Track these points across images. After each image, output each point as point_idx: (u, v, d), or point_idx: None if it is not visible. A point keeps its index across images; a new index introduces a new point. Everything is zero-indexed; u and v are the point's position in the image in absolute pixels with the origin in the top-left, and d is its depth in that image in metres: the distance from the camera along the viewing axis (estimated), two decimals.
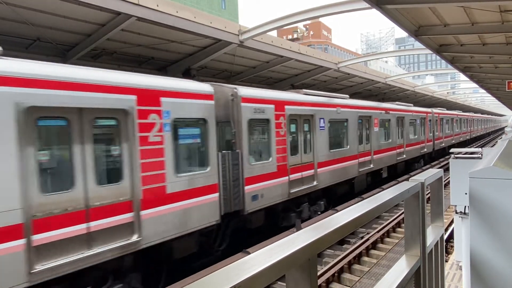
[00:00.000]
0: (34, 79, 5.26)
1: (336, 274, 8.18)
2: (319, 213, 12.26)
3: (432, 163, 25.40)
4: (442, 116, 28.04)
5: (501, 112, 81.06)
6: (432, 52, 11.31)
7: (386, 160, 17.72)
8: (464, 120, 37.34)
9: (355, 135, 14.59)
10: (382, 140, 17.29)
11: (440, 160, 27.07)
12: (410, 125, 21.11)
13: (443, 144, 28.10)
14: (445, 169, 6.63)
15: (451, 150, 7.51)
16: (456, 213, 6.79)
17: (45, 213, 5.32)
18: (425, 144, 23.71)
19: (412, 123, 21.51)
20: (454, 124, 32.27)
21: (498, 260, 2.39)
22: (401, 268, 2.22)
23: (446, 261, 7.44)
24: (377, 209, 1.75)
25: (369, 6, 7.34)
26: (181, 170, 7.47)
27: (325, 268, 8.24)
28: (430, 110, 25.30)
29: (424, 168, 22.20)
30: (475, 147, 18.79)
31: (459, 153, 7.32)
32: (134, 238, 6.40)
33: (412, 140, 21.39)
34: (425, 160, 25.28)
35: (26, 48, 8.64)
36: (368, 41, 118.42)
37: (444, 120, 28.71)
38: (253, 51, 11.73)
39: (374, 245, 10.09)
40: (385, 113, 17.64)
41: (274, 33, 16.55)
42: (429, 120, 24.69)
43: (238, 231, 9.46)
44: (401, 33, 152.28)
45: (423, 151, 23.48)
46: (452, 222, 9.23)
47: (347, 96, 14.87)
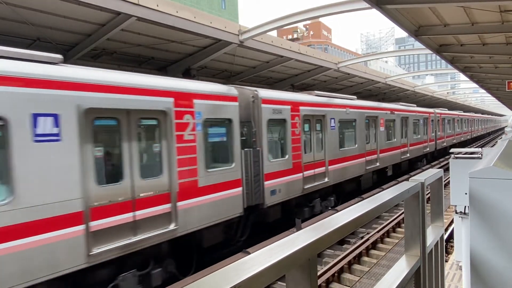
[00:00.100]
0: (91, 84, 5.90)
1: (336, 274, 8.18)
2: (330, 208, 12.90)
3: (432, 163, 25.44)
4: (444, 116, 28.38)
5: (501, 112, 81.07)
6: (432, 52, 11.31)
7: (391, 159, 18.21)
8: (465, 120, 37.68)
9: (363, 135, 15.12)
10: (388, 140, 17.79)
11: (440, 160, 27.09)
12: (414, 125, 21.53)
13: (445, 144, 28.45)
14: (445, 169, 6.63)
15: (451, 150, 7.51)
16: (456, 213, 6.79)
17: (100, 203, 5.98)
18: (428, 144, 24.14)
19: (416, 123, 21.92)
20: (456, 124, 32.63)
21: (498, 260, 2.40)
22: (401, 268, 2.22)
23: (446, 261, 7.44)
24: (377, 209, 1.75)
25: (369, 6, 7.34)
26: (210, 166, 8.15)
27: (325, 268, 8.24)
28: (433, 111, 25.58)
29: (424, 168, 22.22)
30: (475, 147, 18.84)
31: (459, 153, 7.32)
32: (172, 227, 7.07)
33: (416, 140, 21.81)
34: (428, 159, 25.66)
35: (26, 48, 8.64)
36: (368, 41, 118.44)
37: (446, 120, 29.04)
38: (253, 51, 11.73)
39: (374, 245, 10.09)
40: (391, 113, 18.10)
41: (274, 33, 16.56)
42: (432, 120, 25.04)
43: (258, 224, 10.06)
44: (401, 33, 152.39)
45: (426, 150, 23.87)
46: (452, 222, 9.23)
47: (355, 97, 15.31)
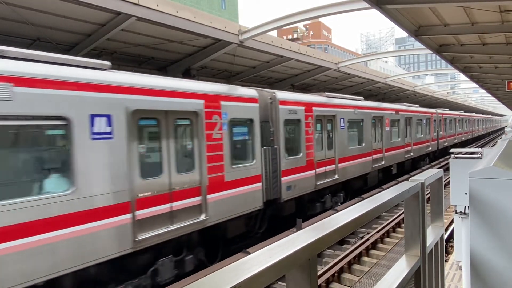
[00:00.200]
0: (136, 88, 6.54)
1: (336, 274, 8.18)
2: (339, 204, 13.58)
3: (432, 163, 25.51)
4: (446, 117, 28.89)
5: (501, 112, 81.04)
6: (432, 52, 11.31)
7: (396, 158, 18.85)
8: (466, 120, 38.10)
9: (369, 134, 15.73)
10: (393, 139, 18.36)
11: (440, 160, 27.13)
12: (417, 125, 22.09)
13: (446, 143, 28.93)
14: (445, 169, 6.63)
15: (451, 150, 7.51)
16: (456, 213, 6.79)
17: (143, 194, 6.61)
18: (430, 143, 24.69)
19: (419, 123, 22.51)
20: (457, 124, 33.10)
21: (498, 260, 2.39)
22: (401, 268, 2.22)
23: (446, 261, 7.44)
24: (377, 209, 1.75)
25: (369, 6, 7.34)
26: (235, 162, 8.77)
27: (325, 268, 8.24)
28: (435, 111, 25.98)
29: (424, 168, 22.27)
30: (475, 147, 18.88)
31: (459, 153, 7.32)
32: (202, 217, 7.71)
33: (419, 139, 22.34)
34: (430, 158, 26.20)
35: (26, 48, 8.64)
36: (368, 41, 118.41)
37: (447, 120, 29.51)
38: (253, 51, 11.73)
39: (374, 245, 10.09)
40: (395, 114, 18.68)
41: (274, 33, 16.56)
42: (434, 120, 25.54)
43: (274, 217, 10.73)
44: (401, 33, 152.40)
45: (428, 150, 24.43)
46: (452, 222, 9.23)
47: (362, 98, 15.81)
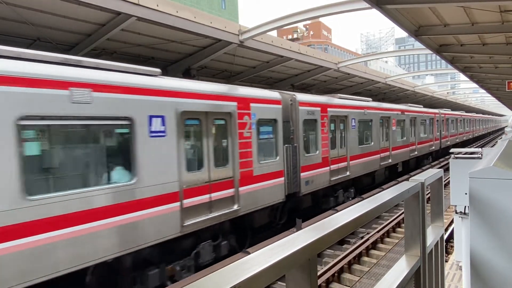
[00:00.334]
0: (183, 92, 7.39)
1: (336, 274, 8.18)
2: (350, 199, 14.41)
3: (432, 163, 25.57)
4: (448, 117, 29.67)
5: (501, 112, 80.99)
6: (432, 52, 11.31)
7: (401, 156, 19.68)
8: (467, 121, 38.72)
9: (378, 133, 16.54)
10: (398, 138, 19.23)
11: (440, 160, 27.18)
12: (421, 125, 23.01)
13: (449, 143, 29.62)
14: (445, 169, 6.63)
15: (451, 150, 7.51)
16: (456, 213, 6.79)
17: (189, 185, 7.46)
18: (433, 142, 25.44)
19: (423, 123, 23.26)
20: (458, 124, 33.77)
21: (498, 260, 2.39)
22: (401, 268, 2.22)
23: (446, 261, 7.44)
24: (377, 209, 1.75)
25: (369, 6, 7.33)
26: (261, 159, 9.62)
27: (325, 268, 8.24)
28: (438, 111, 26.68)
29: (424, 168, 22.30)
30: (476, 147, 18.91)
31: (459, 153, 7.32)
32: (235, 208, 8.59)
33: (423, 139, 23.22)
34: (433, 157, 26.95)
35: (26, 48, 8.64)
36: (368, 41, 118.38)
37: (450, 120, 30.23)
38: (253, 51, 11.73)
39: (374, 245, 10.09)
40: (401, 114, 19.49)
41: (274, 33, 16.54)
42: (437, 120, 26.26)
43: (293, 210, 11.55)
44: (401, 33, 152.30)
45: (432, 149, 25.24)
46: (452, 222, 9.23)
47: (370, 99, 16.50)
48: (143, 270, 6.91)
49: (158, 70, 7.28)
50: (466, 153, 7.50)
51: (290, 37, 76.48)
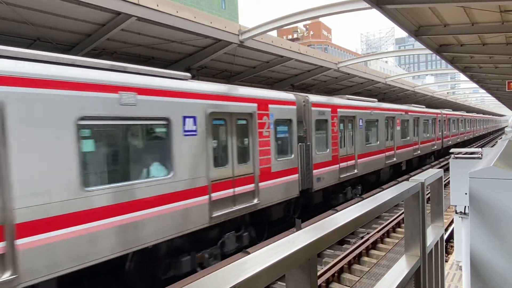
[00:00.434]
0: (211, 94, 8.02)
1: (336, 274, 8.17)
2: (358, 196, 14.78)
3: (432, 163, 25.60)
4: (450, 117, 30.21)
5: (501, 112, 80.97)
6: (432, 52, 11.31)
7: (405, 155, 20.20)
8: (468, 121, 39.16)
9: (383, 133, 17.05)
10: (403, 138, 19.70)
11: (440, 160, 27.20)
12: (424, 125, 23.48)
13: (450, 142, 30.07)
14: (445, 169, 6.63)
15: (451, 150, 7.51)
16: (456, 213, 6.78)
17: (216, 180, 8.06)
18: (435, 142, 25.99)
19: (426, 123, 23.91)
20: (460, 124, 34.23)
21: (498, 260, 2.39)
22: (401, 268, 2.22)
23: (446, 261, 7.44)
24: (377, 209, 1.75)
25: (369, 6, 7.33)
26: (278, 156, 10.15)
27: (325, 268, 8.24)
28: (439, 111, 27.18)
29: (424, 168, 22.33)
30: (476, 147, 18.93)
31: (459, 153, 7.32)
32: (255, 201, 9.17)
33: (425, 138, 23.70)
34: (435, 156, 27.47)
35: (26, 48, 8.64)
36: (368, 41, 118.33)
37: (451, 120, 30.76)
38: (253, 51, 11.73)
39: (374, 245, 10.08)
40: (405, 114, 20.00)
41: (274, 33, 16.54)
42: (439, 120, 26.76)
43: (306, 206, 12.09)
44: (401, 33, 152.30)
45: (434, 148, 25.83)
46: (452, 222, 9.22)
47: (376, 100, 16.95)
48: (177, 257, 7.55)
49: (188, 75, 7.94)
50: (466, 153, 7.49)
51: (290, 37, 76.46)
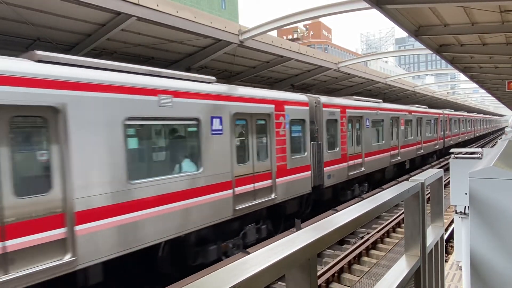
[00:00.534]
0: (235, 96, 8.68)
1: (336, 274, 8.17)
2: (365, 193, 15.50)
3: (432, 163, 25.61)
4: (451, 117, 30.81)
5: (501, 112, 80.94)
6: (432, 52, 11.30)
7: (409, 154, 20.78)
8: (469, 121, 39.60)
9: (388, 133, 17.62)
10: (406, 137, 20.30)
11: (440, 160, 27.22)
12: (427, 125, 24.16)
13: (452, 142, 30.57)
14: (445, 169, 6.62)
15: (451, 150, 7.50)
16: (456, 213, 6.78)
17: (238, 176, 8.68)
18: (437, 141, 26.50)
19: (428, 123, 24.29)
20: (461, 124, 34.71)
21: (498, 260, 2.39)
22: (401, 268, 2.22)
23: (446, 261, 7.44)
24: (377, 209, 1.75)
25: (369, 6, 7.33)
26: (293, 154, 10.75)
27: (325, 268, 8.24)
28: (441, 112, 27.67)
29: (424, 168, 22.35)
30: (476, 147, 18.95)
31: (459, 153, 7.31)
32: (272, 196, 9.79)
33: (428, 138, 24.32)
34: (437, 155, 27.95)
35: (26, 48, 8.63)
36: (368, 41, 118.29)
37: (453, 121, 31.30)
38: (253, 51, 11.73)
39: (374, 245, 10.09)
40: (409, 114, 20.56)
41: (274, 33, 16.53)
42: (441, 121, 27.25)
43: (317, 201, 12.64)
44: (401, 33, 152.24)
45: (436, 148, 26.38)
46: (452, 222, 9.22)
47: (381, 101, 17.66)
48: (205, 246, 8.16)
49: (214, 78, 8.51)
50: (466, 153, 7.49)
51: (290, 37, 76.45)
